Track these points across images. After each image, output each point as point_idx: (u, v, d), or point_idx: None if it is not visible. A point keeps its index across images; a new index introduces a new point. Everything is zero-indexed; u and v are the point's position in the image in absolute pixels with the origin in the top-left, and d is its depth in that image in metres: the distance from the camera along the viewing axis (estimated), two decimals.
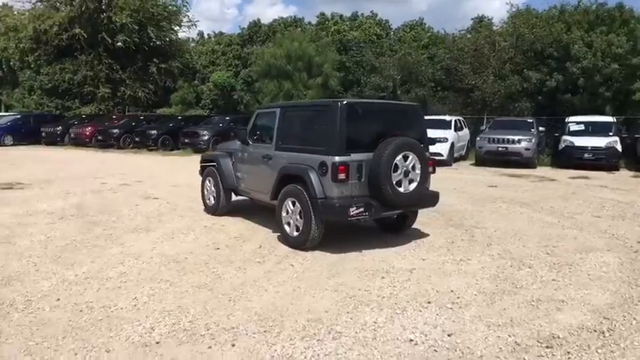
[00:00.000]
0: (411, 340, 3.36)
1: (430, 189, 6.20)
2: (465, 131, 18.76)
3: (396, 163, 5.35)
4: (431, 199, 6.07)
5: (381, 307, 3.96)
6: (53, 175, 12.16)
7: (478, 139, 16.57)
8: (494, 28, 26.30)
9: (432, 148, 15.53)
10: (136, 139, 21.24)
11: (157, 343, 3.27)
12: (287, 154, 5.94)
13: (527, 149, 15.24)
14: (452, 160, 16.35)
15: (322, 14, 36.54)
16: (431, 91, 24.40)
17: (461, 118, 19.24)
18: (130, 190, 9.89)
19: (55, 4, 27.18)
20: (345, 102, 5.42)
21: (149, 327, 3.49)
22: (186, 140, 19.74)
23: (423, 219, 7.43)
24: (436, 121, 18.03)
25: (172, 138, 20.70)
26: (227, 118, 21.98)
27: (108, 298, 4.05)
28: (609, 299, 4.20)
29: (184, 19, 30.52)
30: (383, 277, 4.70)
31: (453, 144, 16.43)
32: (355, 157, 5.32)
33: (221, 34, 37.30)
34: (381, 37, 32.65)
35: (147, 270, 4.81)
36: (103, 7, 26.79)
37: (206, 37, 39.38)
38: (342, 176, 5.20)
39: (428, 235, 6.48)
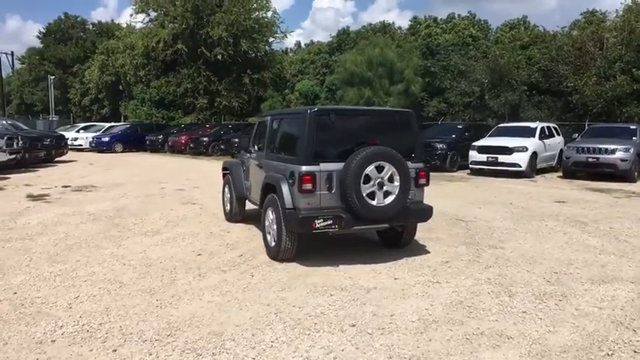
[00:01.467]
0: None
1: (425, 202, 5.75)
2: (556, 139, 16.91)
3: (367, 175, 5.03)
4: (419, 213, 5.57)
5: (296, 326, 3.74)
6: (128, 179, 13.40)
7: (566, 148, 14.94)
8: (606, 23, 23.61)
9: (508, 159, 14.75)
10: (221, 146, 22.61)
11: (52, 341, 3.44)
12: (271, 163, 5.91)
13: (623, 160, 13.35)
14: (533, 171, 14.83)
15: (414, 18, 35.78)
16: (524, 95, 22.53)
17: (552, 125, 17.45)
18: (179, 196, 10.53)
19: (163, 22, 30.16)
20: (315, 109, 5.24)
21: (60, 325, 3.69)
22: None
23: (441, 234, 6.93)
24: (517, 129, 16.57)
25: None
26: None
27: (55, 295, 4.36)
28: (573, 341, 3.51)
29: (277, 31, 32.00)
30: (331, 295, 4.44)
31: (535, 153, 14.95)
32: (325, 166, 5.10)
33: (312, 42, 38.31)
34: (477, 38, 30.95)
35: (114, 271, 5.08)
36: (203, 22, 29.08)
37: (303, 46, 40.77)
38: (307, 186, 5.02)
39: (428, 252, 5.98)
